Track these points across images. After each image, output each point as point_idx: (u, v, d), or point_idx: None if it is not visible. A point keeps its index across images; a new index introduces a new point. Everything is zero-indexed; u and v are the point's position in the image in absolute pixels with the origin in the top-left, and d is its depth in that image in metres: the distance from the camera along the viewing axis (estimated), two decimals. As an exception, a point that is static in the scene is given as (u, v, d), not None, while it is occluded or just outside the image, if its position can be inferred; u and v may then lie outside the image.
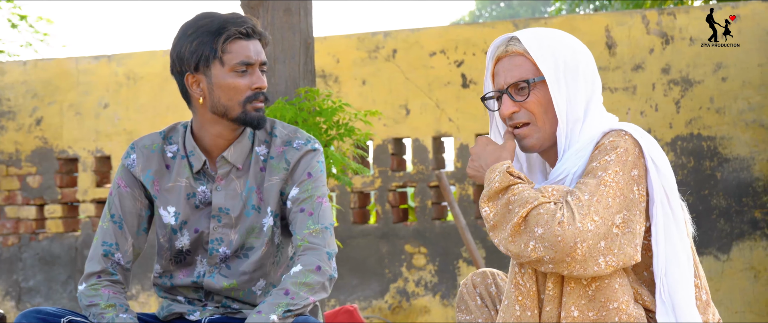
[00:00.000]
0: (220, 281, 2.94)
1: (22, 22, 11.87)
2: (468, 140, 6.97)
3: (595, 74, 2.59)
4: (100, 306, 2.87)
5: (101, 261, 2.93)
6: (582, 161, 2.49)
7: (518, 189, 2.43)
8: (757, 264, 6.48)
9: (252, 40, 2.87)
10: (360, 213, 7.27)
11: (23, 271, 7.75)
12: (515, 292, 2.47)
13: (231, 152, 2.91)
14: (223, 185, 2.92)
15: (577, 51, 2.57)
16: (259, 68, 2.88)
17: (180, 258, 2.97)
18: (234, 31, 2.84)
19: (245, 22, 2.87)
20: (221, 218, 2.92)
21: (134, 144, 2.99)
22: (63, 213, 7.75)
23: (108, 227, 2.95)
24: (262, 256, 2.93)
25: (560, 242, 2.32)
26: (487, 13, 34.83)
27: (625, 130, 2.48)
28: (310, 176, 2.91)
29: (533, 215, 2.38)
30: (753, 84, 6.48)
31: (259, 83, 2.86)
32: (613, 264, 2.35)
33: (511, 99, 2.58)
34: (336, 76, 7.19)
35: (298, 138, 2.95)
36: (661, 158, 2.47)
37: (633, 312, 2.42)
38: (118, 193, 2.96)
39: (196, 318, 2.97)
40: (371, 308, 7.10)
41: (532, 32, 2.60)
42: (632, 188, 2.41)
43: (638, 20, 6.67)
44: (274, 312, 2.71)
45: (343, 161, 4.88)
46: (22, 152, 7.79)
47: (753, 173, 6.50)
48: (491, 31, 6.94)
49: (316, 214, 2.87)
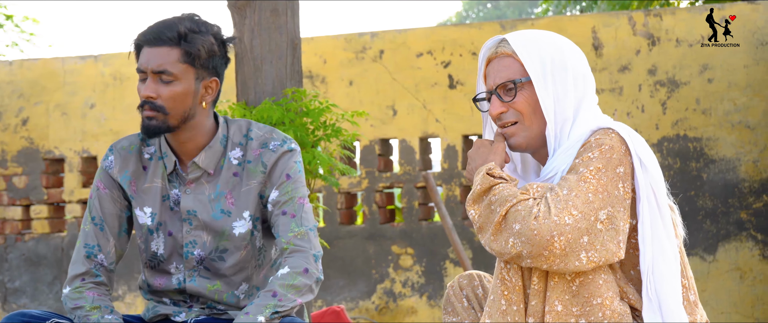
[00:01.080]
0: (202, 283, 2.93)
1: (8, 22, 11.84)
2: (455, 140, 6.97)
3: (587, 75, 2.60)
4: (85, 308, 2.86)
5: (85, 263, 2.93)
6: (570, 159, 2.51)
7: (498, 189, 2.46)
8: (742, 265, 6.50)
9: (155, 47, 2.81)
10: (347, 214, 7.26)
11: (9, 272, 7.72)
12: (501, 287, 2.48)
13: (202, 157, 2.90)
14: (193, 189, 2.91)
15: (565, 51, 2.58)
16: (159, 77, 2.81)
17: (155, 263, 2.96)
18: (139, 39, 2.84)
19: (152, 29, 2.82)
20: (192, 220, 2.91)
21: (113, 146, 2.99)
22: (49, 214, 7.73)
23: (89, 229, 2.95)
24: (241, 259, 2.93)
25: (536, 236, 2.35)
26: (474, 14, 34.87)
27: (613, 128, 2.50)
28: (288, 178, 2.90)
29: (511, 212, 2.40)
30: (739, 85, 6.50)
31: (143, 91, 2.81)
32: (595, 260, 2.37)
33: (500, 99, 2.61)
34: (323, 77, 7.19)
35: (274, 139, 2.93)
36: (648, 157, 2.48)
37: (617, 308, 2.43)
38: (98, 195, 2.96)
39: (181, 319, 2.96)
40: (358, 309, 7.10)
41: (521, 34, 2.62)
42: (617, 184, 2.42)
43: (625, 21, 6.68)
44: (261, 313, 2.72)
45: (329, 161, 4.88)
46: (8, 152, 7.77)
47: (739, 174, 6.52)
48: (478, 32, 6.95)
49: (299, 216, 2.87)
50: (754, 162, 6.49)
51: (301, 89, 4.97)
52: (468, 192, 7.04)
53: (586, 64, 2.62)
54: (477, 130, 6.92)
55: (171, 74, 2.80)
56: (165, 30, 2.80)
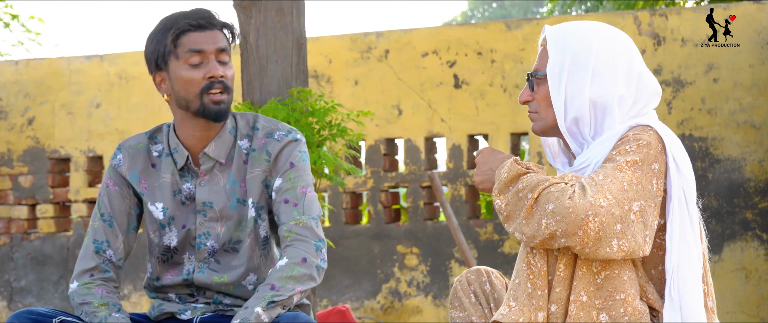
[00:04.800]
0: (210, 276, 2.94)
1: (14, 22, 11.86)
2: (460, 140, 6.97)
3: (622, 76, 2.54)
4: (93, 304, 2.87)
5: (94, 258, 2.93)
6: (605, 151, 2.50)
7: (527, 178, 2.45)
8: (748, 265, 6.50)
9: (206, 31, 2.85)
10: (352, 214, 7.27)
11: (15, 271, 7.73)
12: (526, 271, 2.47)
13: (212, 147, 2.91)
14: (207, 180, 2.93)
15: (594, 50, 2.54)
16: (217, 58, 2.85)
17: (167, 256, 2.97)
18: (184, 24, 2.84)
19: (199, 14, 2.86)
20: (206, 212, 2.92)
21: (121, 145, 3.00)
22: (55, 213, 7.74)
23: (98, 225, 2.96)
24: (248, 247, 2.94)
25: (571, 214, 2.33)
26: (480, 13, 34.86)
27: (651, 125, 2.49)
28: (292, 166, 2.90)
29: (544, 194, 2.39)
30: (744, 85, 6.50)
31: (212, 71, 2.83)
32: (625, 249, 2.36)
33: (530, 88, 2.64)
34: (328, 77, 7.19)
35: (280, 129, 2.94)
36: (682, 158, 2.48)
37: (638, 307, 2.43)
38: (108, 192, 2.97)
39: (187, 318, 2.97)
40: (363, 308, 7.11)
41: (559, 27, 2.61)
42: (651, 180, 2.42)
43: (630, 21, 6.68)
44: (258, 304, 2.73)
45: (335, 161, 4.89)
46: (13, 151, 7.78)
47: (744, 173, 6.52)
48: (483, 31, 6.95)
49: (301, 204, 2.86)
50: (759, 162, 6.48)
51: (306, 88, 4.97)
52: (473, 192, 7.04)
53: (629, 65, 2.56)
54: (481, 129, 6.92)
55: (228, 55, 2.87)
56: (211, 15, 2.86)
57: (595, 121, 2.55)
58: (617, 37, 2.59)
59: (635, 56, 2.59)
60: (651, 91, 2.59)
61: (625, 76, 2.56)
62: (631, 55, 2.58)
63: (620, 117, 2.54)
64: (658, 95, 2.61)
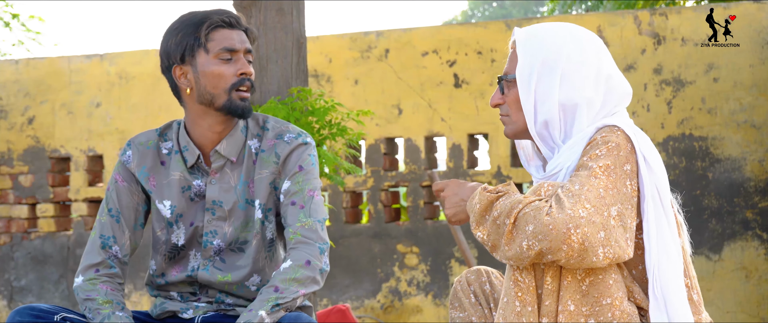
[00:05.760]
0: (214, 274, 2.94)
1: (15, 21, 11.86)
2: (460, 139, 6.97)
3: (591, 78, 2.54)
4: (97, 301, 2.88)
5: (100, 253, 2.94)
6: (575, 155, 2.49)
7: (499, 204, 2.43)
8: (748, 264, 6.50)
9: (236, 30, 2.90)
10: (352, 213, 7.27)
11: (15, 270, 7.74)
12: (514, 289, 2.46)
13: (223, 145, 2.92)
14: (218, 179, 2.94)
15: (563, 53, 2.54)
16: (245, 56, 2.90)
17: (174, 253, 2.98)
18: (217, 20, 2.87)
19: (228, 13, 2.90)
20: (215, 211, 2.93)
21: (130, 141, 3.01)
22: (55, 212, 7.75)
23: (105, 221, 2.97)
24: (254, 248, 2.94)
25: (552, 230, 2.32)
26: (480, 13, 34.86)
27: (618, 125, 2.48)
28: (301, 169, 2.91)
29: (520, 217, 2.37)
30: (744, 85, 6.50)
31: (244, 68, 2.88)
32: (610, 256, 2.35)
33: (500, 92, 2.63)
34: (328, 76, 7.19)
35: (290, 132, 2.95)
36: (653, 156, 2.47)
37: (626, 309, 2.42)
38: (116, 188, 2.98)
39: (189, 316, 2.97)
40: (363, 307, 7.11)
41: (528, 29, 2.61)
42: (625, 182, 2.41)
43: (630, 21, 6.68)
44: (262, 308, 2.73)
45: (335, 160, 4.89)
46: (14, 151, 7.78)
47: (744, 173, 6.52)
48: (483, 31, 6.95)
49: (308, 207, 2.88)
50: (759, 161, 6.48)
51: (306, 88, 4.98)
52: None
53: (598, 68, 2.56)
54: (481, 128, 6.93)
55: (252, 55, 2.92)
56: (239, 17, 2.92)
57: (564, 124, 2.55)
58: (587, 40, 2.58)
59: (605, 58, 2.58)
60: (621, 92, 2.59)
61: (593, 78, 2.55)
62: (601, 58, 2.57)
63: (588, 120, 2.54)
64: (629, 96, 2.61)
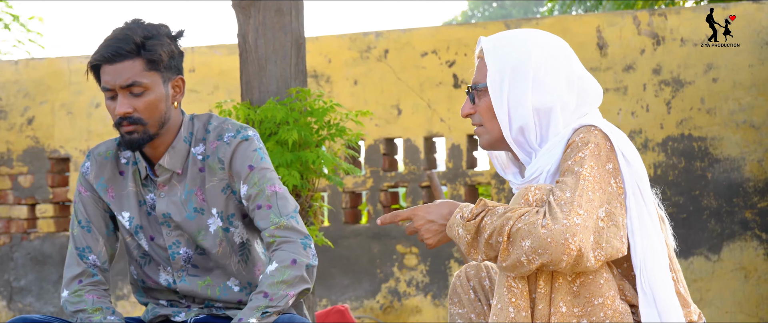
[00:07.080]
0: (193, 282, 2.92)
1: (14, 22, 11.85)
2: (459, 140, 6.98)
3: (563, 81, 2.55)
4: (87, 311, 2.86)
5: (80, 264, 2.91)
6: (554, 158, 2.50)
7: (488, 222, 2.42)
8: (747, 264, 6.50)
9: (116, 64, 2.78)
10: (351, 213, 7.27)
11: (15, 271, 7.74)
12: (508, 295, 2.45)
13: (167, 159, 2.86)
14: (166, 191, 2.89)
15: (533, 59, 2.54)
16: (129, 92, 2.78)
17: (147, 259, 2.95)
18: (96, 57, 2.79)
19: (109, 46, 2.78)
20: (169, 223, 2.89)
21: (91, 151, 2.97)
22: (54, 213, 7.75)
23: (77, 232, 2.94)
24: (221, 256, 2.90)
25: (551, 243, 2.32)
26: (480, 13, 34.86)
27: (595, 125, 2.48)
28: (252, 169, 2.83)
29: (514, 233, 2.37)
30: (744, 85, 6.50)
31: (118, 109, 2.77)
32: (602, 258, 2.36)
33: (470, 102, 2.62)
34: (327, 77, 7.19)
35: (228, 130, 2.87)
36: (631, 152, 2.48)
37: (619, 308, 2.43)
38: (81, 199, 2.94)
39: (181, 319, 2.96)
40: (363, 308, 7.11)
41: (495, 37, 2.60)
42: (609, 181, 2.42)
43: (629, 21, 6.68)
44: (253, 316, 2.70)
45: (334, 161, 4.89)
46: (13, 151, 7.78)
47: (743, 173, 6.52)
48: (483, 31, 6.95)
49: (275, 206, 2.81)
50: (758, 162, 6.49)
51: (305, 88, 4.97)
52: (473, 192, 7.05)
53: (568, 71, 2.56)
54: (481, 129, 6.92)
55: (141, 85, 2.77)
56: (122, 44, 2.76)
57: (540, 128, 2.55)
58: (555, 44, 2.58)
59: (574, 61, 2.59)
60: (593, 94, 2.59)
61: (565, 81, 2.55)
62: (570, 61, 2.57)
63: (564, 122, 2.54)
64: (600, 97, 2.61)
